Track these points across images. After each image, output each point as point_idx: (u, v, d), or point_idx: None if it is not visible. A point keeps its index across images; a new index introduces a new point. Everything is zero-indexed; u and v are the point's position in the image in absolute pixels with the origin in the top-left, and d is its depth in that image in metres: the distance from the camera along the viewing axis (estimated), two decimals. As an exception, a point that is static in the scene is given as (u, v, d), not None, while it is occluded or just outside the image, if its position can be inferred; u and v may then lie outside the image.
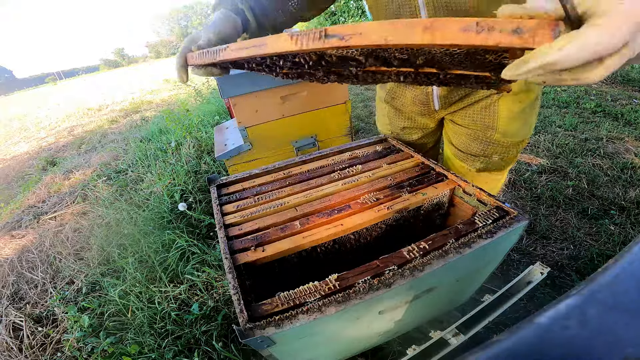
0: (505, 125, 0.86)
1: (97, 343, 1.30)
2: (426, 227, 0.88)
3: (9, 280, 1.90)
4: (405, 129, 1.07)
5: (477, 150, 0.94)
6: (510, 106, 0.84)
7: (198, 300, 1.44)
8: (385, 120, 1.13)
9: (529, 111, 0.86)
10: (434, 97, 0.91)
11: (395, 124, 1.09)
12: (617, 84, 3.64)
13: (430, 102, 0.93)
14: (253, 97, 1.43)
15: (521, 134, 0.88)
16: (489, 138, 0.90)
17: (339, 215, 0.75)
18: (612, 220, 1.63)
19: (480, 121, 0.89)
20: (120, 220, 2.08)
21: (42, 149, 5.24)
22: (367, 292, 0.55)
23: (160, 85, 10.07)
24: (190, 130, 3.25)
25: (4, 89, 40.94)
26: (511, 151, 0.92)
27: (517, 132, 0.87)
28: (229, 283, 0.58)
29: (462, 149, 0.97)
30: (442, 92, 0.88)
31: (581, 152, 2.24)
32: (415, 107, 0.98)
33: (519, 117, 0.85)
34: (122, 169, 3.13)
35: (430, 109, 0.95)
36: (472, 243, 0.62)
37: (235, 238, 0.73)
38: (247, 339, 0.49)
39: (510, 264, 1.48)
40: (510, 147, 0.91)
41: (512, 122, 0.86)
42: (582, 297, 0.26)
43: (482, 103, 0.86)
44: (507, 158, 0.94)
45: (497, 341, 0.24)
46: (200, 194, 2.19)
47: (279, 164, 1.02)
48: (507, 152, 0.92)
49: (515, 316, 1.17)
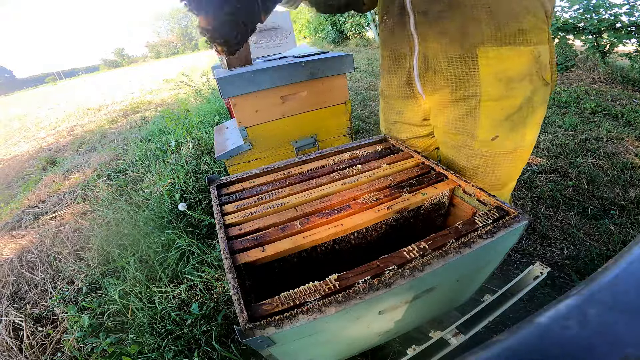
0: (485, 132, 0.80)
1: (97, 343, 1.30)
2: (426, 227, 0.88)
3: (9, 280, 1.90)
4: (396, 124, 1.06)
5: (463, 163, 0.88)
6: (490, 112, 0.78)
7: (198, 300, 1.44)
8: (381, 115, 1.13)
9: (518, 119, 0.78)
10: (415, 75, 0.88)
11: (388, 118, 1.08)
12: (617, 84, 3.64)
13: (412, 82, 0.90)
14: (253, 97, 1.43)
15: (507, 144, 0.80)
16: (471, 148, 0.84)
17: (339, 215, 0.75)
18: (612, 220, 1.63)
19: (463, 128, 0.84)
20: (120, 220, 2.08)
21: (42, 149, 5.24)
22: (367, 292, 0.55)
23: (160, 85, 10.07)
24: (190, 130, 3.25)
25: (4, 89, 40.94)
26: (501, 163, 0.83)
27: (502, 141, 0.80)
28: (229, 283, 0.58)
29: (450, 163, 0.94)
30: (420, 71, 0.86)
31: (581, 152, 2.24)
32: (401, 92, 0.96)
33: (503, 125, 0.79)
34: (122, 169, 3.13)
35: (414, 91, 0.92)
36: (472, 243, 0.62)
37: (235, 238, 0.73)
38: (247, 339, 0.49)
39: (510, 264, 1.48)
40: (497, 157, 0.83)
41: (494, 130, 0.79)
42: (582, 297, 0.26)
43: (464, 106, 0.82)
44: (498, 172, 0.85)
45: (497, 341, 0.24)
46: (200, 194, 2.19)
47: (279, 164, 1.02)
48: (494, 165, 0.84)
49: (515, 316, 1.17)
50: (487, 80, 0.75)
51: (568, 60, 4.33)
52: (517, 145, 0.82)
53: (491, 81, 0.75)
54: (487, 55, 0.73)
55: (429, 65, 0.83)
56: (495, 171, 0.86)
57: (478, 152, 0.84)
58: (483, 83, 0.76)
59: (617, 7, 3.82)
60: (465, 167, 0.90)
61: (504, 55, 0.73)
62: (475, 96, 0.78)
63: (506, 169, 0.86)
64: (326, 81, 1.53)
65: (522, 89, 0.75)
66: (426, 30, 0.79)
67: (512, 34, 0.71)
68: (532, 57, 0.73)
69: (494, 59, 0.73)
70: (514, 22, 0.70)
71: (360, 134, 3.18)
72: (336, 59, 1.50)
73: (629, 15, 3.72)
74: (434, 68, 0.82)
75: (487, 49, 0.73)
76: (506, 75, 0.74)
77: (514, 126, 0.79)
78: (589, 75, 3.96)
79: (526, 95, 0.76)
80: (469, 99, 0.80)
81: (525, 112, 0.78)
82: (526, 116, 0.79)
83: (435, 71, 0.83)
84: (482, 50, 0.73)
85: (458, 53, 0.76)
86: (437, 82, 0.84)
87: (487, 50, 0.73)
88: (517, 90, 0.75)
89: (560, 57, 4.41)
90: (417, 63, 0.86)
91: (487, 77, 0.75)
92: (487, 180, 0.88)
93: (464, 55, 0.76)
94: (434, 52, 0.80)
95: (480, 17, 0.71)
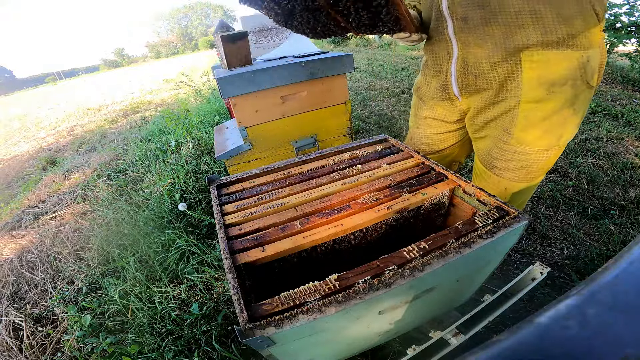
0: (521, 131, 0.82)
1: (97, 343, 1.30)
2: (426, 227, 0.88)
3: (9, 280, 1.90)
4: (426, 119, 1.07)
5: (497, 154, 0.91)
6: (528, 113, 0.79)
7: (198, 300, 1.44)
8: (412, 110, 1.15)
9: (557, 121, 0.79)
10: (452, 80, 0.90)
11: (419, 114, 1.10)
12: (617, 84, 3.64)
13: (449, 86, 0.93)
14: (253, 97, 1.43)
15: (542, 143, 0.82)
16: (506, 142, 0.86)
17: (339, 215, 0.75)
18: (612, 220, 1.63)
19: (500, 124, 0.86)
20: (120, 220, 2.08)
21: (42, 149, 5.24)
22: (367, 292, 0.55)
23: (160, 85, 10.07)
24: (190, 130, 3.25)
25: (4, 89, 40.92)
26: (533, 161, 0.86)
27: (535, 140, 0.82)
28: (229, 283, 0.58)
29: (485, 154, 0.96)
30: (458, 75, 0.88)
31: (581, 152, 2.24)
32: (437, 94, 0.98)
33: (539, 126, 0.80)
34: (122, 169, 3.13)
35: (450, 94, 0.94)
36: (472, 243, 0.62)
37: (235, 238, 0.73)
38: (247, 339, 0.49)
39: (510, 264, 1.48)
40: (530, 155, 0.85)
41: (530, 129, 0.81)
42: (582, 297, 0.26)
43: (503, 105, 0.83)
44: (530, 167, 0.88)
45: (497, 341, 0.24)
46: (200, 194, 2.19)
47: (279, 164, 1.02)
48: (527, 161, 0.86)
49: (515, 316, 1.17)
50: (530, 83, 0.76)
51: (568, 60, 4.33)
52: (552, 145, 0.83)
53: (533, 85, 0.76)
54: (531, 59, 0.74)
55: (469, 69, 0.84)
56: (527, 167, 0.88)
57: (513, 147, 0.86)
58: (525, 85, 0.77)
59: (617, 7, 3.82)
60: (498, 159, 0.91)
61: (550, 59, 0.73)
62: (516, 97, 0.79)
63: (538, 164, 0.87)
64: (326, 81, 1.53)
65: (563, 94, 0.75)
66: (466, 36, 0.80)
67: (560, 39, 0.71)
68: (578, 62, 0.73)
69: (539, 62, 0.74)
70: (562, 27, 0.70)
71: (360, 134, 3.18)
72: (336, 59, 1.50)
73: (629, 15, 3.72)
74: (474, 72, 0.83)
75: (532, 52, 0.73)
76: (549, 79, 0.74)
77: (551, 128, 0.80)
78: (589, 75, 3.95)
79: (567, 99, 0.76)
80: (509, 99, 0.81)
81: (565, 114, 0.78)
82: (565, 118, 0.79)
83: (476, 75, 0.83)
84: (527, 53, 0.74)
85: (502, 57, 0.76)
86: (479, 85, 0.85)
87: (532, 53, 0.73)
88: (558, 94, 0.75)
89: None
90: (456, 67, 0.87)
91: (529, 80, 0.76)
92: (518, 174, 0.90)
93: (507, 58, 0.76)
94: (476, 57, 0.81)
95: (526, 23, 0.71)
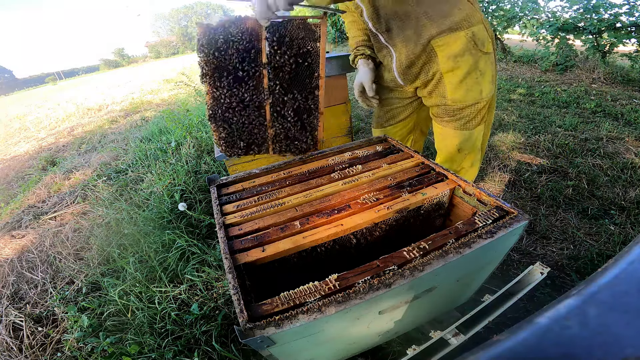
0: (451, 93, 1.12)
1: (97, 343, 1.30)
2: (426, 227, 0.88)
3: (9, 280, 1.90)
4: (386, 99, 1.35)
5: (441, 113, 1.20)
6: (450, 79, 1.10)
7: (198, 300, 1.44)
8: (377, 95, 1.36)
9: (470, 81, 1.09)
10: (396, 74, 1.20)
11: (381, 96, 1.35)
12: (617, 84, 3.64)
13: (395, 79, 1.23)
14: (253, 97, 1.43)
15: (469, 98, 1.11)
16: (445, 104, 1.16)
17: (339, 215, 0.75)
18: (612, 220, 1.63)
19: (438, 92, 1.16)
20: (120, 220, 2.08)
21: (42, 149, 5.24)
22: (367, 292, 0.55)
23: (160, 85, 10.06)
24: (190, 130, 3.25)
25: (4, 89, 40.90)
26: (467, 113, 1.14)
27: (464, 97, 1.11)
28: (229, 283, 0.58)
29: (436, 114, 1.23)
30: (399, 70, 1.18)
31: (581, 152, 2.24)
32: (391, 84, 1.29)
33: (461, 87, 1.10)
34: (122, 169, 3.13)
35: (397, 83, 1.24)
36: (472, 243, 0.62)
37: (235, 238, 0.73)
38: (247, 339, 0.49)
39: (510, 264, 1.48)
40: (464, 109, 1.14)
41: (457, 90, 1.11)
42: (582, 297, 0.26)
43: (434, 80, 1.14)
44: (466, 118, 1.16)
45: (497, 341, 0.24)
46: (200, 194, 2.19)
47: (279, 164, 1.02)
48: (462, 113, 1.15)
49: (515, 316, 1.17)
50: (443, 59, 1.08)
51: (568, 60, 4.34)
52: (478, 98, 1.12)
53: (444, 60, 1.08)
54: (438, 44, 1.06)
55: (403, 64, 1.15)
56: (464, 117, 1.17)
57: (451, 107, 1.16)
58: (441, 62, 1.09)
59: (617, 7, 3.82)
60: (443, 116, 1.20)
61: (448, 41, 1.05)
62: (438, 71, 1.11)
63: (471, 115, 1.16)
64: (326, 81, 1.53)
65: (465, 61, 1.06)
66: (394, 42, 1.13)
67: (448, 26, 1.03)
68: (467, 37, 1.04)
69: (443, 45, 1.06)
70: (446, 19, 1.03)
71: (360, 134, 3.18)
72: (336, 59, 1.50)
73: (629, 15, 3.72)
74: (408, 64, 1.14)
75: (436, 40, 1.06)
76: (453, 53, 1.06)
77: (471, 86, 1.10)
78: (589, 75, 3.96)
79: (470, 64, 1.07)
80: (436, 74, 1.12)
81: (475, 75, 1.09)
82: (477, 78, 1.09)
83: (409, 66, 1.15)
84: (434, 42, 1.06)
85: (421, 49, 1.09)
86: (413, 72, 1.16)
87: (437, 41, 1.06)
88: (463, 62, 1.06)
89: (560, 57, 4.41)
90: (396, 65, 1.18)
91: (442, 58, 1.08)
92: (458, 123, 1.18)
93: (424, 49, 1.09)
94: (406, 54, 1.12)
95: (425, 23, 1.04)
